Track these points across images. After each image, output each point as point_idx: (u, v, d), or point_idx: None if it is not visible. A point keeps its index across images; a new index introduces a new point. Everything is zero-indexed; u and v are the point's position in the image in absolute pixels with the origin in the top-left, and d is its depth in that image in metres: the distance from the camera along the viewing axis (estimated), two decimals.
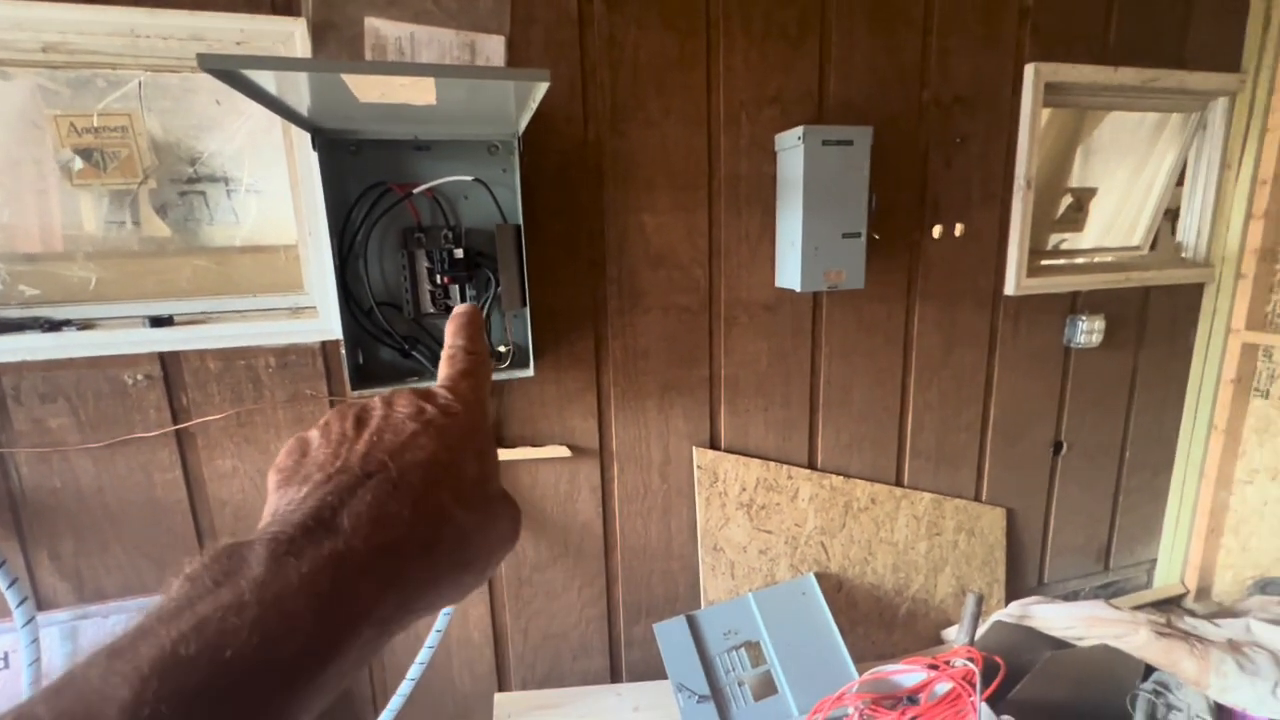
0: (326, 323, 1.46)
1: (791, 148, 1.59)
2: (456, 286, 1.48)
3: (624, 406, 1.71)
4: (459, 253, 1.43)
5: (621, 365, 1.68)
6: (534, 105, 1.13)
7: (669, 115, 1.60)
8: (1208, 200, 2.17)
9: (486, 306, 1.48)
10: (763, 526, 1.86)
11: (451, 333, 0.37)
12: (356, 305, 1.42)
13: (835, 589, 1.95)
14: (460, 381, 0.34)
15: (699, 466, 1.79)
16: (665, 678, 1.68)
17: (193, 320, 1.44)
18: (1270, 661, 1.50)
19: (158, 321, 1.39)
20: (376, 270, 1.45)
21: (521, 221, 1.44)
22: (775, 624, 1.79)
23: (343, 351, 1.38)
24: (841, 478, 1.94)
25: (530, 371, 1.49)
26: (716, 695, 1.67)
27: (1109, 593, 2.42)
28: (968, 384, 2.02)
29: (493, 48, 1.45)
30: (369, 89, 0.95)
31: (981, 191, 1.89)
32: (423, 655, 1.58)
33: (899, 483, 2.02)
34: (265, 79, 0.96)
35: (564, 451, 1.66)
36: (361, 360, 1.44)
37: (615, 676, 1.85)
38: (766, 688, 1.72)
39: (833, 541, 1.94)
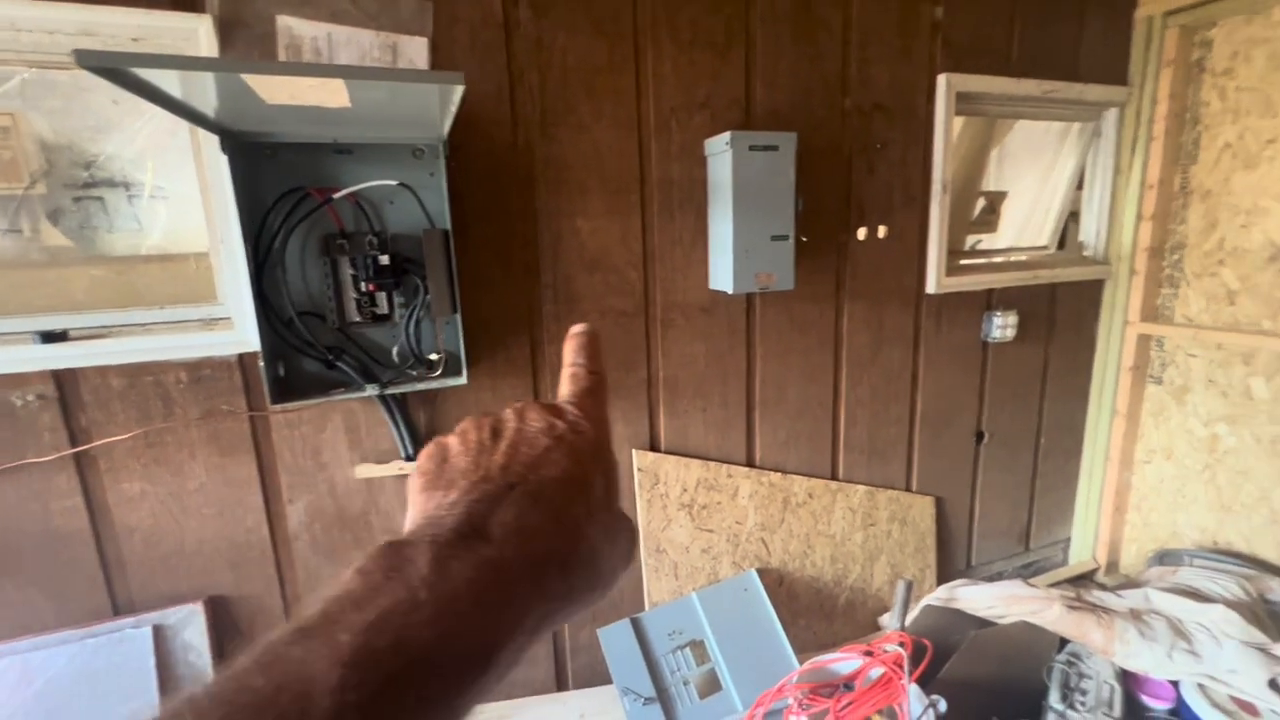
0: (243, 334, 1.39)
1: (720, 153, 1.62)
2: (383, 294, 1.44)
3: None
4: (384, 259, 1.39)
5: (558, 370, 1.66)
6: (453, 109, 1.11)
7: (600, 120, 1.60)
8: (1104, 203, 2.34)
9: (415, 314, 1.45)
10: (704, 526, 1.89)
11: (572, 351, 0.38)
12: (275, 315, 1.36)
13: (777, 583, 2.00)
14: (585, 400, 0.34)
15: (639, 469, 1.79)
16: (612, 683, 1.68)
17: (91, 335, 1.34)
18: (1167, 627, 1.63)
19: (49, 337, 1.29)
20: (298, 278, 1.39)
21: (449, 227, 1.41)
22: (719, 621, 1.81)
23: (261, 364, 1.31)
24: (779, 474, 1.99)
25: (464, 379, 1.46)
26: (662, 696, 1.68)
27: (1030, 571, 2.58)
28: (895, 379, 2.11)
29: (415, 50, 1.42)
30: (276, 90, 0.91)
31: (902, 195, 1.98)
32: None
33: (834, 477, 2.09)
34: (162, 79, 0.90)
35: None
36: (283, 372, 1.38)
37: (562, 685, 1.83)
38: (712, 685, 1.74)
39: (773, 537, 1.99)
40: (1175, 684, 1.59)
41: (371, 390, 1.41)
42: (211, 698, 0.19)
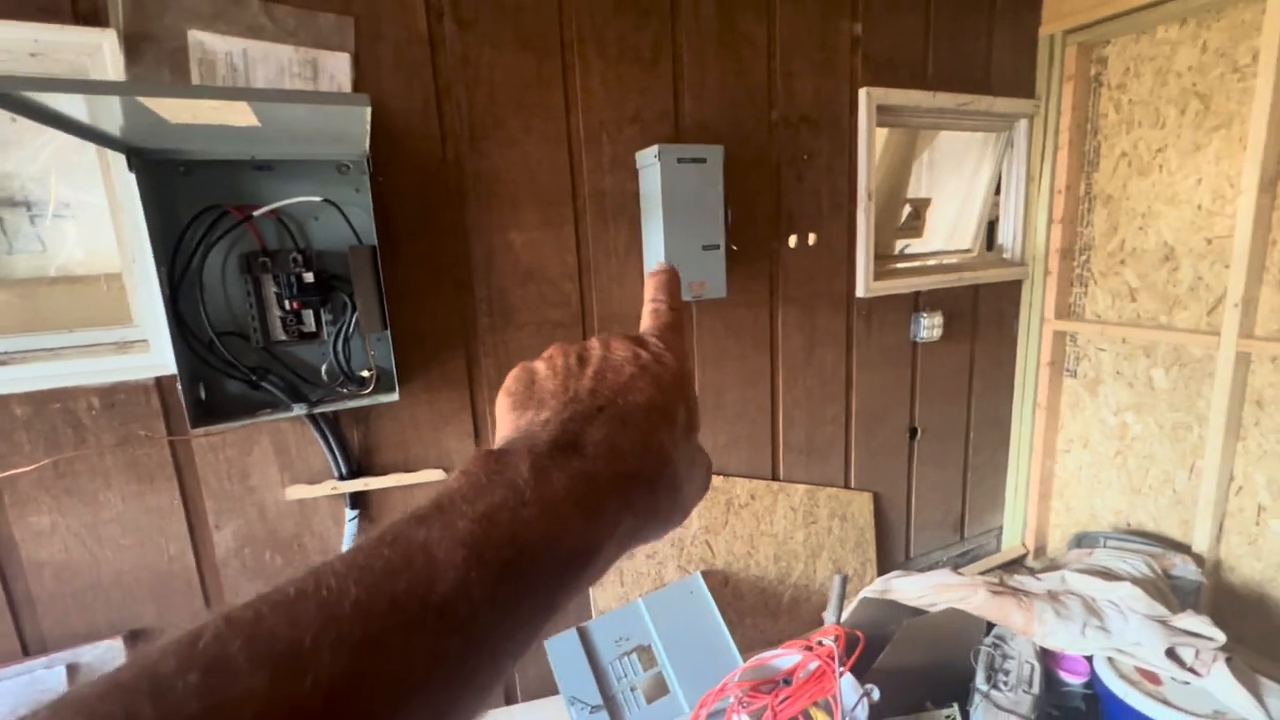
0: (159, 357, 1.34)
1: (649, 165, 1.65)
2: (310, 312, 1.42)
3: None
4: (309, 276, 1.37)
5: (496, 384, 1.66)
6: (367, 127, 1.11)
7: (530, 134, 1.62)
8: (1019, 208, 2.48)
9: (344, 331, 1.43)
10: None
11: (654, 288, 0.39)
12: (194, 336, 1.32)
13: (722, 584, 2.04)
14: (667, 333, 0.35)
15: None
16: (560, 694, 1.68)
17: None
18: (1081, 606, 1.74)
19: None
20: (218, 298, 1.36)
21: (377, 243, 1.40)
22: (665, 626, 1.84)
23: (179, 387, 1.27)
24: (722, 477, 2.03)
25: (395, 396, 1.44)
26: (609, 703, 1.69)
27: (966, 559, 2.69)
28: (830, 380, 2.19)
29: (337, 65, 1.41)
30: (178, 111, 0.90)
31: (830, 203, 2.06)
32: None
33: (775, 477, 2.15)
34: (54, 101, 0.88)
35: (440, 475, 1.62)
36: (204, 395, 1.34)
37: (510, 699, 1.82)
38: (659, 689, 1.76)
39: (717, 539, 2.03)
40: (1089, 659, 1.69)
41: (300, 410, 1.38)
42: (344, 563, 0.20)
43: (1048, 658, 1.73)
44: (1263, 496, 2.00)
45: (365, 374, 1.47)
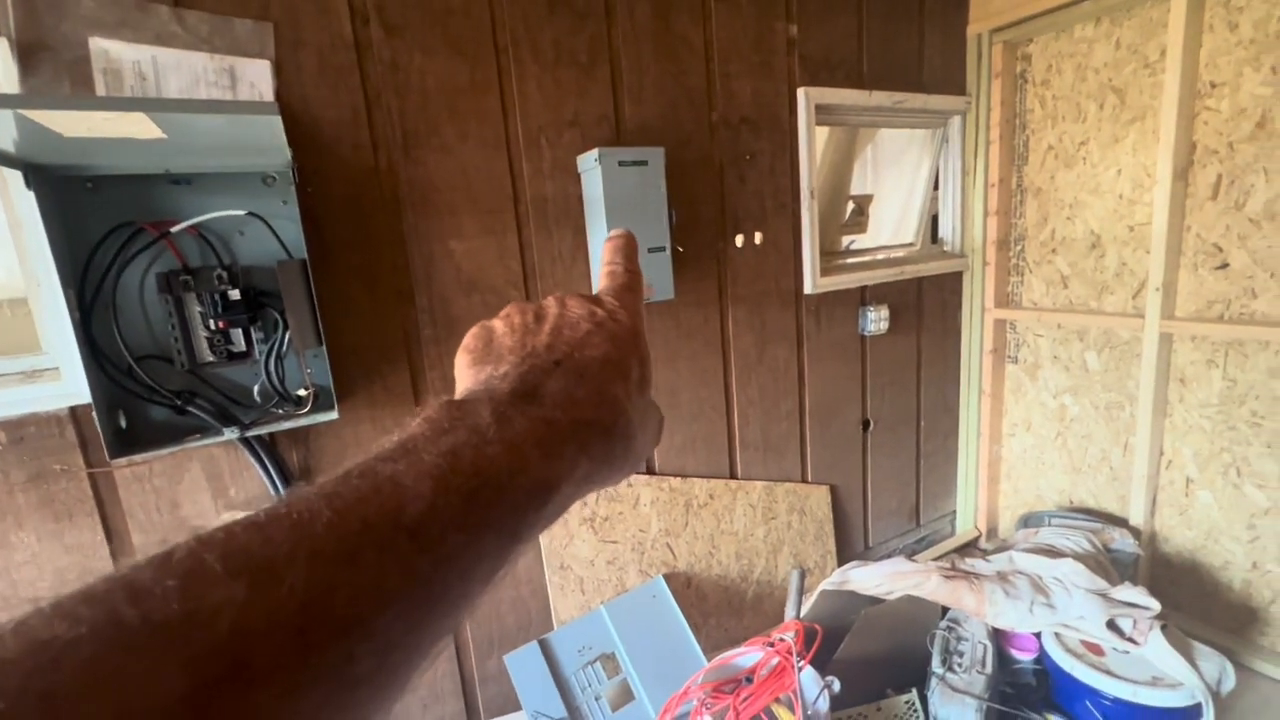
0: (72, 385, 1.26)
1: (590, 169, 1.64)
2: (239, 330, 1.35)
3: None
4: (235, 294, 1.31)
5: (442, 395, 1.62)
6: (281, 136, 1.06)
7: (466, 141, 1.58)
8: (956, 201, 2.56)
9: (275, 349, 1.37)
10: (608, 538, 1.89)
11: (610, 251, 0.40)
12: (110, 362, 1.25)
13: (685, 585, 2.03)
14: (623, 293, 0.36)
15: None
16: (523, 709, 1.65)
17: None
18: (1028, 585, 1.80)
19: None
20: (136, 320, 1.28)
21: (307, 256, 1.35)
22: (628, 632, 1.82)
23: (95, 416, 1.20)
24: (679, 478, 2.03)
25: (335, 414, 1.39)
26: (574, 715, 1.67)
27: (923, 545, 2.76)
28: (783, 377, 2.21)
29: (257, 73, 1.35)
30: (73, 124, 0.84)
31: (774, 202, 2.09)
32: None
33: (733, 475, 2.16)
34: None
35: None
36: (124, 423, 1.27)
37: (473, 717, 1.78)
38: (624, 696, 1.74)
39: (678, 541, 2.02)
40: (1038, 636, 1.75)
41: (231, 434, 1.32)
42: (314, 491, 0.21)
43: (1000, 637, 1.79)
44: (1190, 469, 2.11)
45: (302, 393, 1.42)
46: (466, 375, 0.31)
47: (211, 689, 0.16)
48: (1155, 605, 1.62)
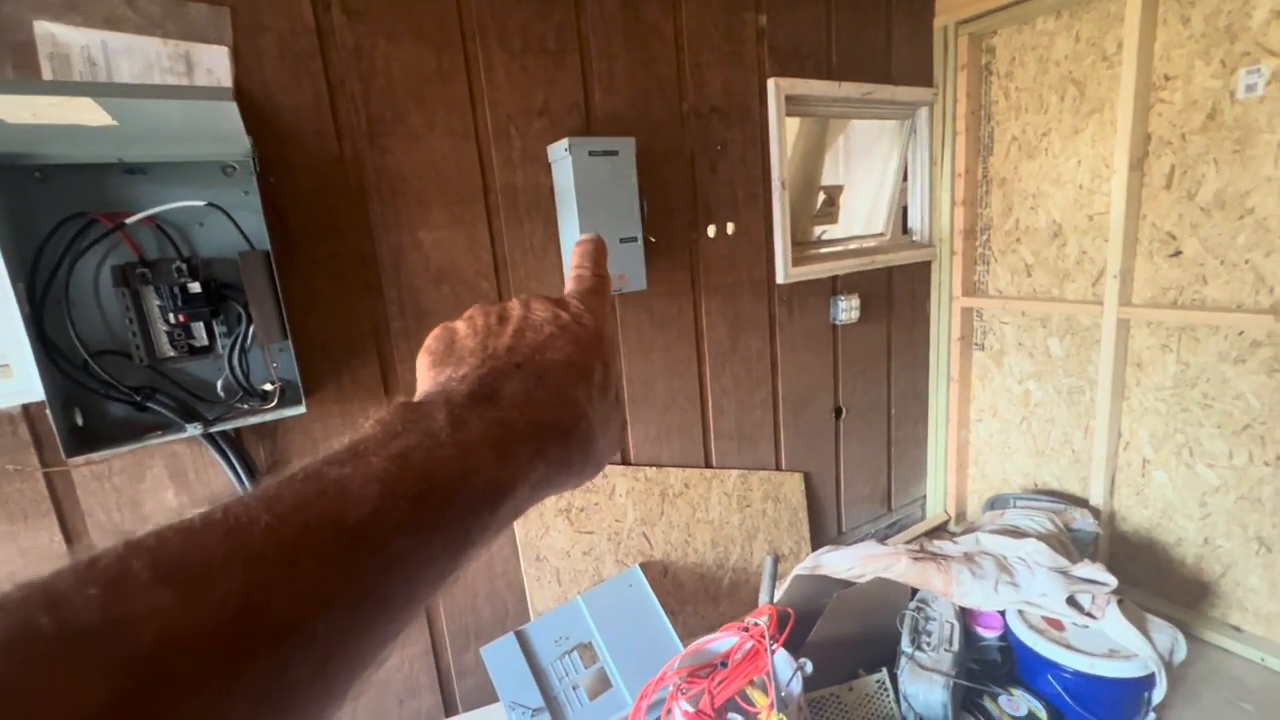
0: (24, 382, 1.22)
1: (561, 159, 1.63)
2: (200, 324, 1.32)
3: None
4: (195, 287, 1.28)
5: (412, 389, 1.60)
6: (238, 123, 1.04)
7: (433, 129, 1.56)
8: (925, 192, 2.61)
9: (239, 343, 1.34)
10: (583, 528, 1.90)
11: (578, 255, 0.40)
12: (64, 357, 1.21)
13: (661, 574, 2.05)
14: (589, 296, 0.36)
15: None
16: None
17: None
18: (993, 565, 1.85)
19: None
20: (93, 315, 1.24)
21: (270, 248, 1.32)
22: (605, 621, 1.83)
23: (49, 414, 1.16)
24: (655, 468, 2.04)
25: (302, 409, 1.37)
26: (551, 704, 1.68)
27: (894, 529, 2.82)
28: (756, 366, 2.23)
29: (214, 59, 1.31)
30: (15, 109, 0.81)
31: (745, 192, 2.10)
32: None
33: (708, 464, 2.18)
34: None
35: None
36: (81, 421, 1.23)
37: (450, 710, 1.78)
38: (602, 685, 1.76)
39: (653, 530, 2.04)
40: (1003, 613, 1.80)
41: (194, 430, 1.29)
42: (254, 496, 0.20)
43: (966, 616, 1.84)
44: (1146, 450, 2.18)
45: (267, 387, 1.39)
46: (427, 377, 0.31)
47: (134, 699, 0.15)
48: (1112, 581, 1.68)
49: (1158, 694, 1.59)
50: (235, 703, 0.17)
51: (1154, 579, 2.23)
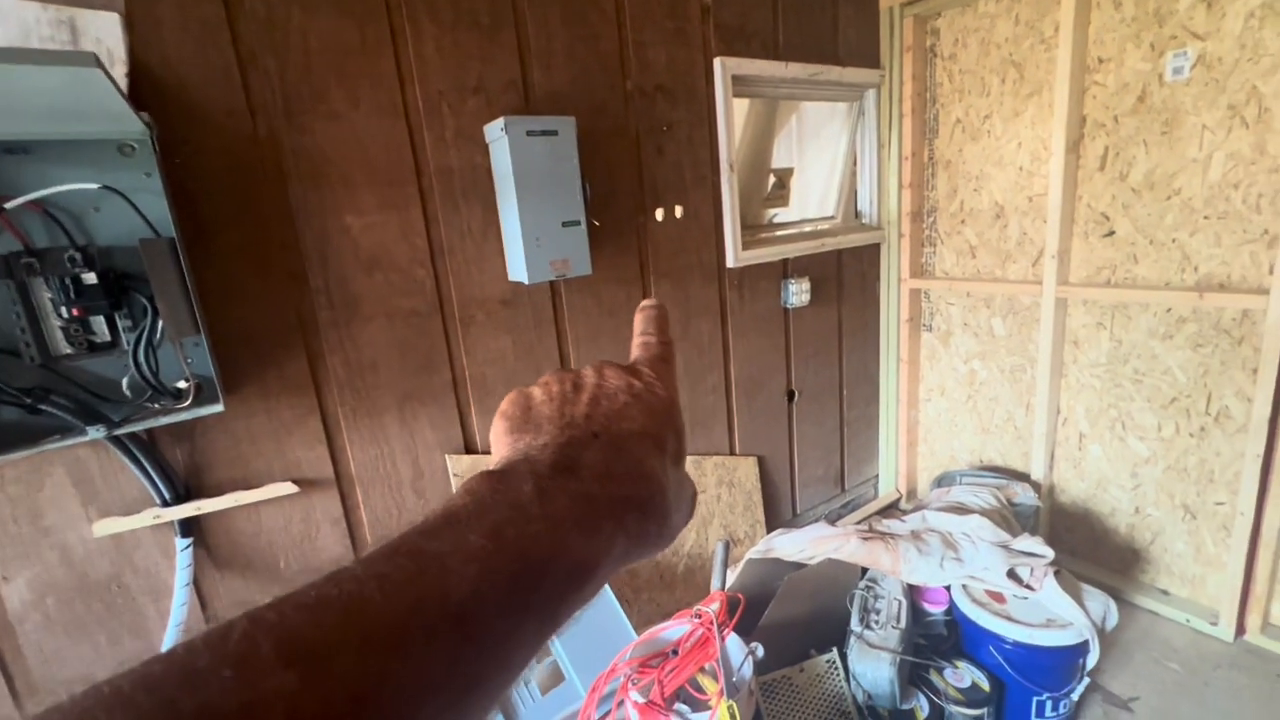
0: None
1: (498, 139, 1.56)
2: (100, 318, 1.22)
3: (358, 426, 1.57)
4: (90, 278, 1.17)
5: (347, 382, 1.53)
6: (115, 95, 0.95)
7: (358, 107, 1.47)
8: (873, 174, 2.62)
9: (145, 338, 1.24)
10: None
11: (642, 322, 0.40)
12: None
13: None
14: (659, 365, 0.36)
15: (456, 474, 1.72)
16: None
17: None
18: (939, 541, 1.89)
19: None
20: None
21: (176, 234, 1.22)
22: None
23: None
24: None
25: (220, 406, 1.28)
26: (502, 701, 1.64)
27: (848, 509, 2.87)
28: (708, 351, 2.22)
29: (103, 27, 1.20)
30: None
31: (693, 175, 2.06)
32: None
33: None
34: None
35: (289, 488, 1.47)
36: None
37: None
38: (554, 678, 1.73)
39: None
40: (948, 589, 1.84)
41: (97, 432, 1.19)
42: (363, 569, 0.21)
43: (914, 592, 1.87)
44: (1083, 425, 2.26)
45: (181, 385, 1.29)
46: (504, 443, 0.31)
47: None
48: (1050, 553, 1.73)
49: (1091, 659, 1.65)
50: None
51: (1090, 548, 2.32)
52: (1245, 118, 1.74)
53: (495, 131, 1.56)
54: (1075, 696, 1.70)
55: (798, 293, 2.37)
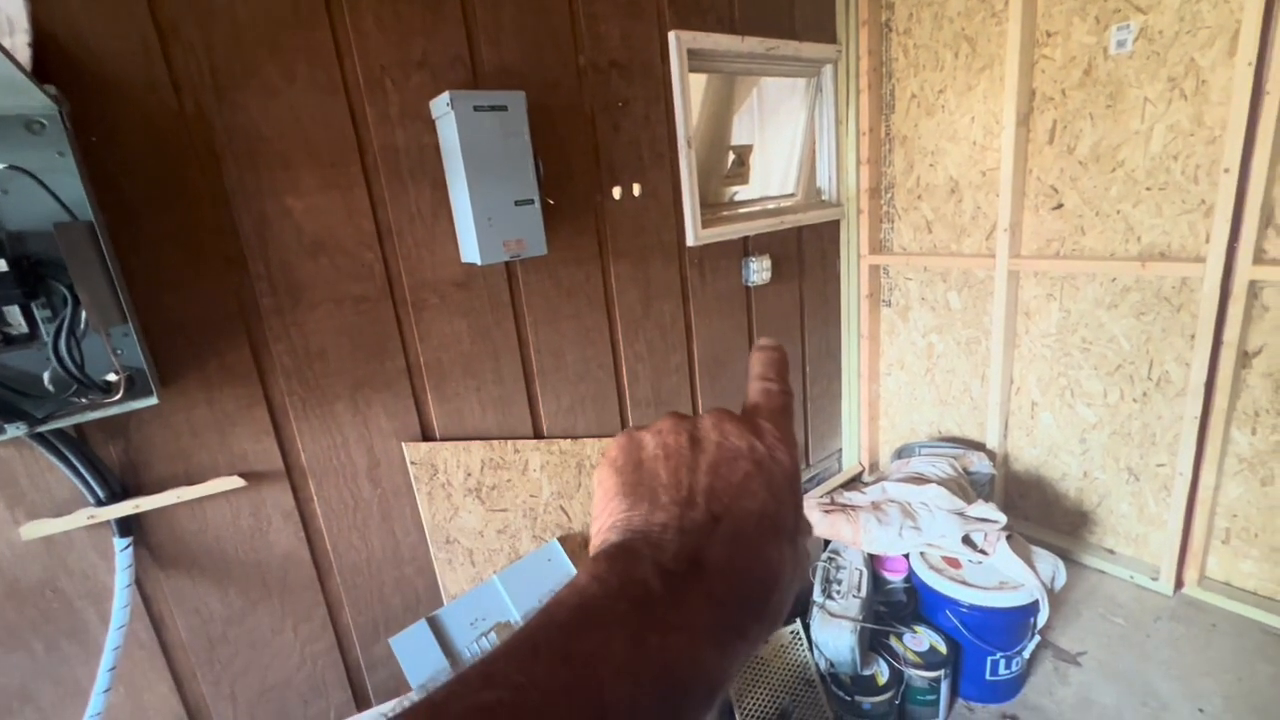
0: None
1: (444, 115, 1.51)
2: (14, 308, 1.14)
3: (307, 416, 1.51)
4: (0, 265, 1.09)
5: (294, 371, 1.48)
6: (18, 69, 0.87)
7: (294, 82, 1.40)
8: (831, 150, 2.62)
9: (66, 329, 1.17)
10: (496, 506, 1.84)
11: (762, 364, 0.37)
12: None
13: (580, 547, 2.02)
14: (780, 419, 0.33)
15: (413, 462, 1.68)
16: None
17: None
18: (898, 511, 1.93)
19: None
20: None
21: (98, 218, 1.15)
22: (524, 598, 1.79)
23: None
24: (570, 440, 1.99)
25: (154, 399, 1.22)
26: None
27: (814, 483, 2.91)
28: (670, 331, 2.21)
29: None
30: None
31: (651, 152, 2.03)
32: None
33: None
34: None
35: (236, 482, 1.42)
36: None
37: (363, 705, 1.70)
38: (504, 629, 1.72)
39: (571, 503, 2.00)
40: (907, 557, 1.89)
41: (18, 430, 1.13)
42: (519, 670, 0.21)
43: (874, 562, 1.92)
44: (1034, 394, 2.33)
45: (111, 377, 1.23)
46: (613, 506, 0.29)
47: None
48: (1002, 519, 1.79)
49: (1042, 618, 1.72)
50: None
51: (1042, 513, 2.41)
52: (1184, 90, 1.78)
53: (441, 106, 1.51)
54: (1027, 654, 1.76)
55: (759, 270, 2.37)
